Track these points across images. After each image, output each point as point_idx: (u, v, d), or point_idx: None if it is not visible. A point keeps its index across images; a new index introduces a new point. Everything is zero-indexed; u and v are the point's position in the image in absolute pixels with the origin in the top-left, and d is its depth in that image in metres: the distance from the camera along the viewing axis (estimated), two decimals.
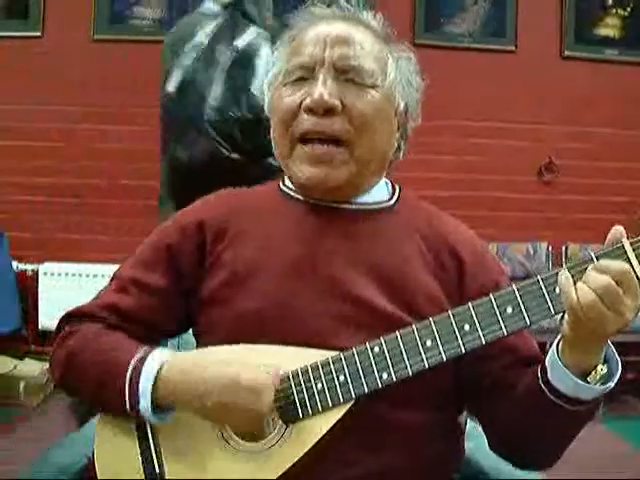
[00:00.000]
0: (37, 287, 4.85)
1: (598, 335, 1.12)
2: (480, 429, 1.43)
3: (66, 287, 4.66)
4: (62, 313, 1.45)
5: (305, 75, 1.37)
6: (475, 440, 1.45)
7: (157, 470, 1.28)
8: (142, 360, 1.27)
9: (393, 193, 1.49)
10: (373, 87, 1.36)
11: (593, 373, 1.17)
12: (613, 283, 1.07)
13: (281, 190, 1.49)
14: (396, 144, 1.46)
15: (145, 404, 1.25)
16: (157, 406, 1.26)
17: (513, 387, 1.30)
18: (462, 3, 5.06)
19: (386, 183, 1.51)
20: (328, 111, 1.33)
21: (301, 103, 1.35)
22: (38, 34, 4.92)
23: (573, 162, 5.09)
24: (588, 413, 1.22)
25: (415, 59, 1.48)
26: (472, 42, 5.06)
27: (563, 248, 5.05)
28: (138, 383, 1.25)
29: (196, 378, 1.23)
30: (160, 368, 1.26)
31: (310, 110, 1.34)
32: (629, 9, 5.14)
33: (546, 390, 1.20)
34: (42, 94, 4.93)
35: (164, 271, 1.41)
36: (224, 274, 1.37)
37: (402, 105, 1.42)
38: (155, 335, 1.44)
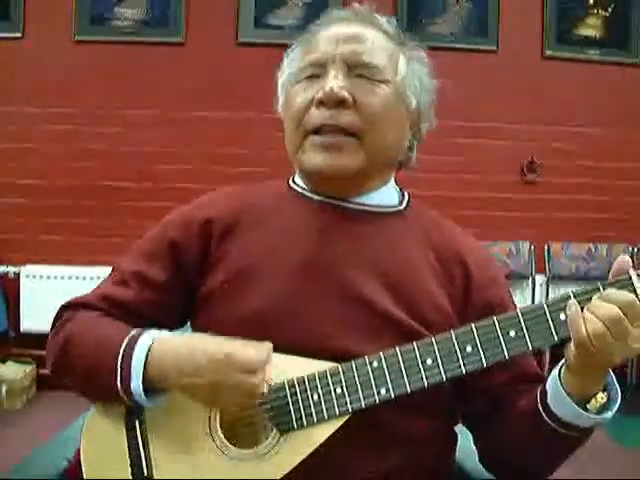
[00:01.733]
0: (19, 290, 4.82)
1: (603, 364, 1.13)
2: (462, 428, 1.43)
3: (48, 290, 4.63)
4: (45, 316, 1.44)
5: (317, 72, 1.39)
6: (460, 441, 1.45)
7: (145, 473, 1.27)
8: (134, 339, 1.27)
9: (403, 199, 1.49)
10: (384, 82, 1.37)
11: (593, 401, 1.17)
12: (621, 314, 1.07)
13: (290, 187, 1.49)
14: (407, 144, 1.46)
15: (137, 383, 1.23)
16: (149, 388, 1.24)
17: (510, 404, 1.31)
18: (444, 3, 5.07)
19: (396, 189, 1.51)
20: (339, 104, 1.33)
21: (313, 99, 1.36)
22: (19, 35, 4.89)
23: (555, 162, 5.11)
24: (581, 439, 1.23)
25: (427, 60, 1.51)
26: (454, 42, 5.06)
27: (545, 247, 5.07)
28: (130, 361, 1.24)
29: (188, 354, 1.22)
30: (151, 345, 1.25)
31: (321, 103, 1.35)
32: (610, 9, 5.16)
33: (544, 414, 1.21)
34: (23, 95, 4.90)
35: (166, 265, 1.41)
36: (228, 271, 1.36)
37: (414, 103, 1.43)
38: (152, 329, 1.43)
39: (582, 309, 1.11)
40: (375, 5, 1.48)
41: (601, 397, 1.17)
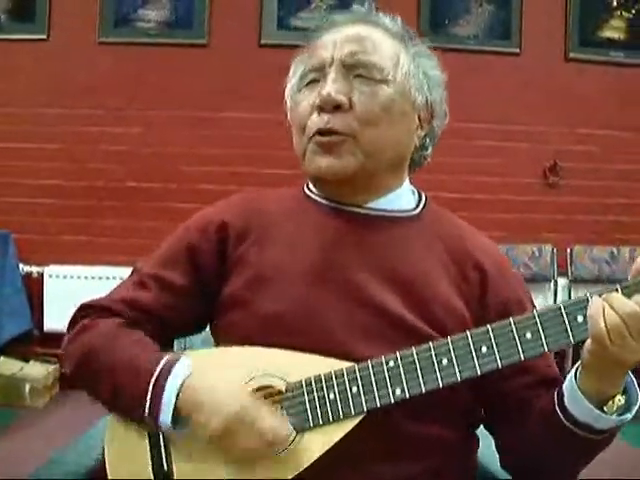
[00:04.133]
0: (42, 289, 4.85)
1: (618, 364, 1.11)
2: (485, 431, 1.43)
3: (72, 289, 4.65)
4: (68, 315, 1.44)
5: (317, 77, 1.39)
6: (483, 443, 1.45)
7: (165, 469, 1.28)
8: (166, 369, 1.27)
9: (419, 202, 1.48)
10: (383, 82, 1.36)
11: (610, 403, 1.16)
12: (639, 310, 1.06)
13: (305, 193, 1.50)
14: (419, 141, 1.45)
15: (166, 417, 1.24)
16: (175, 420, 1.25)
17: (529, 407, 1.30)
18: (467, 5, 5.06)
19: (412, 192, 1.50)
20: (337, 108, 1.33)
21: (314, 104, 1.36)
22: (44, 37, 4.93)
23: (578, 164, 5.08)
24: (602, 442, 1.22)
25: (434, 55, 1.49)
26: (477, 44, 5.05)
27: (568, 250, 5.04)
28: (162, 394, 1.25)
29: (217, 395, 1.23)
30: (184, 381, 1.25)
31: (320, 108, 1.35)
32: (634, 11, 5.13)
33: (561, 415, 1.20)
34: (48, 97, 4.94)
35: (184, 270, 1.41)
36: (247, 275, 1.37)
37: (420, 99, 1.41)
38: (171, 333, 1.45)
39: None
40: (399, 8, 1.47)
41: (619, 399, 1.16)
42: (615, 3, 5.13)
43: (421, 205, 1.48)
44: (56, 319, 4.54)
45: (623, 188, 5.11)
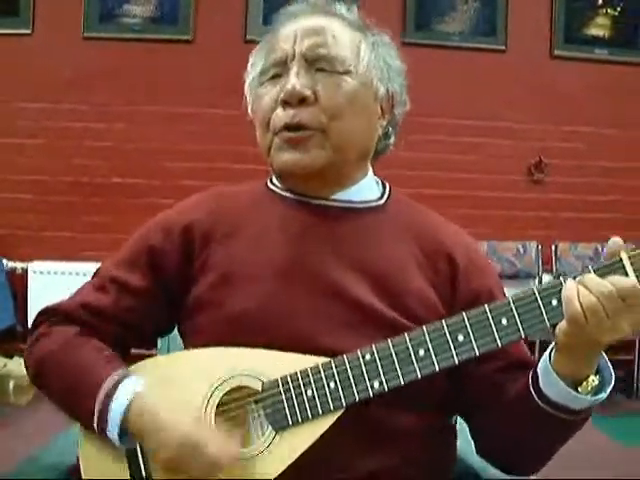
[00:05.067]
0: (26, 285, 4.84)
1: (594, 344, 1.12)
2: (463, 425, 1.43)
3: (56, 285, 4.63)
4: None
5: (279, 71, 1.38)
6: (463, 436, 1.45)
7: (144, 474, 1.26)
8: (113, 388, 1.25)
9: (384, 192, 1.48)
10: (346, 73, 1.36)
11: (584, 383, 1.17)
12: (614, 290, 1.07)
13: (268, 187, 1.49)
14: (382, 130, 1.45)
15: (113, 433, 1.24)
16: (125, 433, 1.25)
17: (503, 391, 1.30)
18: (453, 2, 5.07)
19: (377, 182, 1.50)
20: (302, 101, 1.33)
21: (277, 99, 1.36)
22: (28, 32, 4.91)
23: (563, 161, 5.11)
24: (577, 423, 1.22)
25: (393, 44, 1.47)
26: (462, 41, 5.06)
27: (553, 247, 5.06)
28: (107, 419, 1.24)
29: (162, 420, 1.21)
30: (129, 404, 1.23)
31: (285, 102, 1.34)
32: (619, 9, 5.16)
33: (536, 397, 1.20)
34: (31, 91, 4.92)
35: (145, 272, 1.40)
36: (213, 276, 1.35)
37: (382, 90, 1.41)
38: (133, 336, 1.43)
39: None
40: (385, 5, 1.47)
41: (592, 380, 1.17)
42: (600, 1, 5.16)
43: (385, 195, 1.47)
44: None
45: (608, 185, 5.14)
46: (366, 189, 1.45)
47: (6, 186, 4.93)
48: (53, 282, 4.73)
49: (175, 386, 1.27)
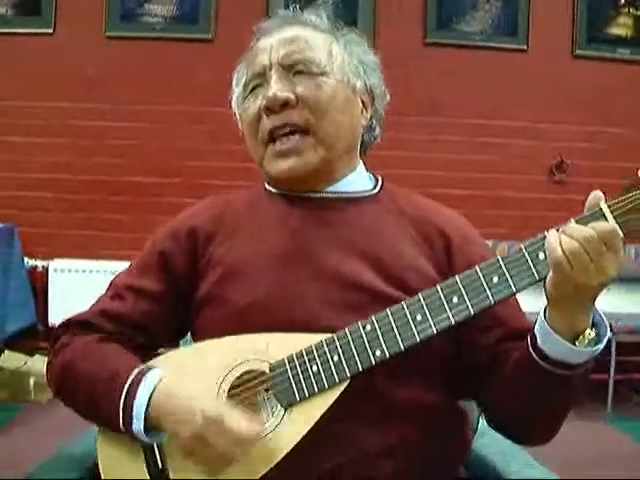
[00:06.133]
0: (47, 283, 4.86)
1: (583, 290, 1.13)
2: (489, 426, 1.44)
3: (77, 284, 4.66)
4: (72, 309, 1.47)
5: (259, 82, 1.47)
6: (486, 437, 1.45)
7: (160, 465, 1.30)
8: (137, 380, 1.30)
9: (376, 184, 1.54)
10: (323, 74, 1.44)
11: (581, 337, 1.18)
12: (595, 234, 1.10)
13: (265, 189, 1.56)
14: (366, 123, 1.53)
15: (138, 427, 1.27)
16: (150, 427, 1.28)
17: (505, 359, 1.33)
18: (474, 1, 5.05)
19: (370, 177, 1.57)
20: (284, 105, 1.40)
21: (260, 107, 1.43)
22: (50, 31, 4.93)
23: (584, 162, 5.08)
24: (578, 378, 1.23)
25: (365, 40, 1.57)
26: (483, 41, 5.04)
27: None
28: (132, 405, 1.28)
29: (183, 402, 1.26)
30: (153, 392, 1.28)
31: (268, 109, 1.41)
32: None
33: (536, 356, 1.22)
34: (54, 91, 4.95)
35: (158, 276, 1.46)
36: (218, 272, 1.41)
37: (359, 84, 1.50)
38: (152, 341, 1.47)
39: None
40: (406, 5, 1.48)
41: (589, 333, 1.18)
42: (623, 0, 5.12)
43: (379, 186, 1.54)
44: (61, 313, 4.50)
45: (629, 186, 5.09)
46: (358, 181, 1.53)
47: (27, 184, 4.96)
48: (74, 280, 4.76)
49: (189, 376, 1.32)
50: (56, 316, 4.69)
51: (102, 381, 1.33)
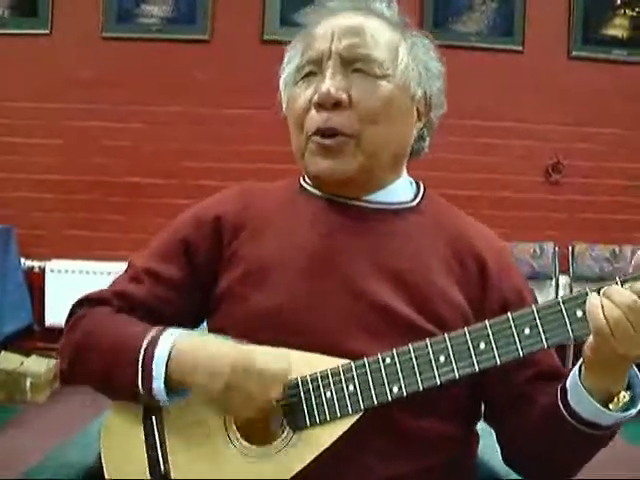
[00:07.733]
0: (44, 284, 4.86)
1: (622, 358, 1.09)
2: (490, 428, 1.42)
3: (73, 284, 4.65)
4: (68, 310, 1.45)
5: (314, 69, 1.35)
6: (486, 440, 1.44)
7: (163, 471, 1.27)
8: (155, 338, 1.27)
9: (417, 193, 1.46)
10: (384, 77, 1.33)
11: (615, 400, 1.15)
12: (638, 301, 1.03)
13: (300, 185, 1.48)
14: (417, 133, 1.43)
15: (159, 384, 1.24)
16: (170, 387, 1.25)
17: (532, 402, 1.29)
18: (470, 2, 5.05)
19: (410, 182, 1.48)
20: (336, 105, 1.30)
21: (311, 100, 1.33)
22: (47, 32, 4.93)
23: (580, 162, 5.08)
24: (606, 437, 1.21)
25: (432, 44, 1.46)
26: (479, 41, 5.05)
27: (570, 248, 5.04)
28: (152, 362, 1.24)
29: (208, 357, 1.22)
30: (172, 346, 1.25)
31: (319, 105, 1.31)
32: (637, 9, 5.12)
33: (565, 412, 1.19)
34: (50, 92, 4.94)
35: (179, 264, 1.40)
36: (241, 270, 1.35)
37: (420, 93, 1.39)
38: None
39: None
40: (402, 3, 1.45)
41: (623, 396, 1.14)
42: (619, 1, 5.12)
43: (419, 196, 1.45)
44: (57, 314, 4.50)
45: (625, 186, 5.10)
46: (400, 190, 1.44)
47: (24, 185, 4.95)
48: (70, 281, 4.75)
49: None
50: (52, 317, 4.69)
51: (120, 345, 1.29)
